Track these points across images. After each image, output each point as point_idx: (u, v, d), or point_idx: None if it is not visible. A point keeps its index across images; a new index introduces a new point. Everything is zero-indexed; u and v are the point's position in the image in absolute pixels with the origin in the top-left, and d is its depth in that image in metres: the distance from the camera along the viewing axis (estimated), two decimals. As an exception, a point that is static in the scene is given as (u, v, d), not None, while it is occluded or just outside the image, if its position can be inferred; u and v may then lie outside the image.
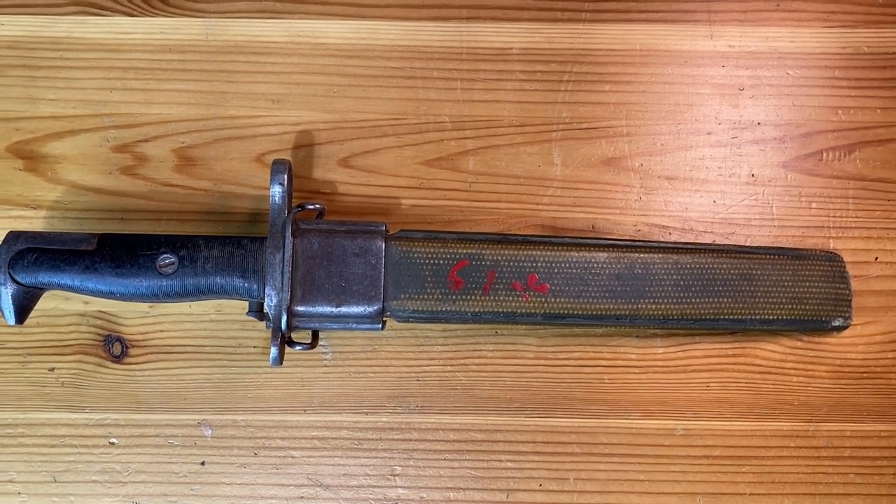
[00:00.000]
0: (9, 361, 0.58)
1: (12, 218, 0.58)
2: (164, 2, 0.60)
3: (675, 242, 0.58)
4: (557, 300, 0.54)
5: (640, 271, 0.55)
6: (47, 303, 0.58)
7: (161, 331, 0.58)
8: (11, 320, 0.51)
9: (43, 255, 0.51)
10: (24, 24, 0.60)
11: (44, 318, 0.58)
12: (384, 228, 0.54)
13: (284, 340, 0.53)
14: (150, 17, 0.60)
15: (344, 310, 0.53)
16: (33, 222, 0.58)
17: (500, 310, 0.54)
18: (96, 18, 0.60)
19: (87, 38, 0.60)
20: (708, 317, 0.56)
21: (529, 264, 0.54)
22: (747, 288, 0.56)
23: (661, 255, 0.55)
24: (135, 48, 0.60)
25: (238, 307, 0.58)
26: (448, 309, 0.54)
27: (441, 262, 0.54)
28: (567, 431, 0.58)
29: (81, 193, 0.59)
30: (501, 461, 0.58)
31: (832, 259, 0.58)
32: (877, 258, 0.60)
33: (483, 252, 0.54)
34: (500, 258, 0.54)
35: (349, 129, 0.60)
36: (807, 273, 0.57)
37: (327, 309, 0.53)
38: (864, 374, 0.59)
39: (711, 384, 0.58)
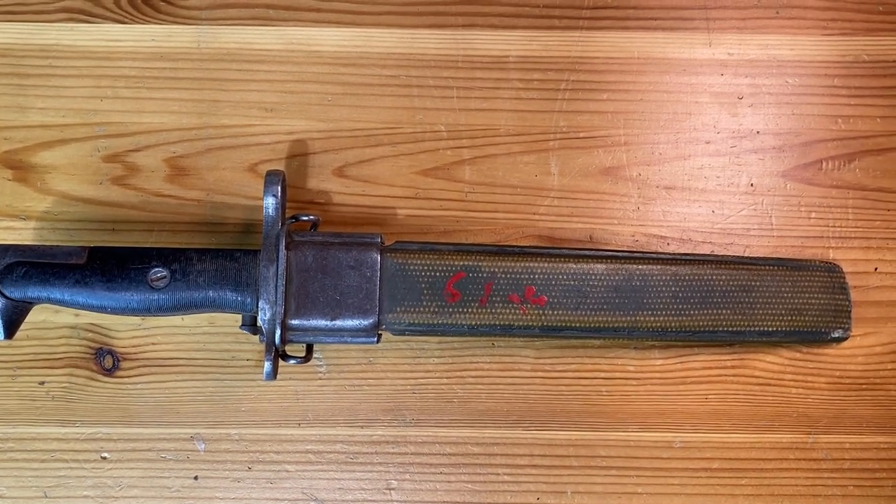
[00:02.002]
0: (-2, 375, 0.57)
1: (1, 229, 0.57)
2: (155, 9, 0.59)
3: (674, 253, 0.57)
4: (555, 312, 0.54)
5: (638, 283, 0.54)
6: (37, 315, 0.57)
7: (153, 344, 0.57)
8: (0, 335, 0.50)
9: (32, 268, 0.50)
10: (12, 31, 0.59)
11: (33, 331, 0.57)
12: (379, 240, 0.53)
13: (278, 354, 0.52)
14: (141, 25, 0.59)
15: (339, 323, 0.52)
16: (22, 233, 0.57)
17: (498, 322, 0.53)
18: (86, 26, 0.59)
19: (76, 45, 0.59)
20: (706, 328, 0.55)
21: (527, 276, 0.54)
22: (746, 299, 0.55)
23: (659, 267, 0.55)
24: (125, 56, 0.59)
25: (231, 320, 0.57)
26: (444, 322, 0.53)
27: (437, 274, 0.53)
28: (564, 444, 0.57)
29: (72, 204, 0.58)
30: (498, 475, 0.57)
31: (831, 270, 0.57)
32: (876, 269, 0.59)
33: (480, 264, 0.54)
34: (496, 270, 0.54)
35: (344, 138, 0.59)
36: (806, 284, 0.56)
37: (322, 322, 0.52)
38: (864, 386, 0.58)
39: (710, 396, 0.58)
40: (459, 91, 0.59)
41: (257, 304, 0.51)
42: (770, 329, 0.56)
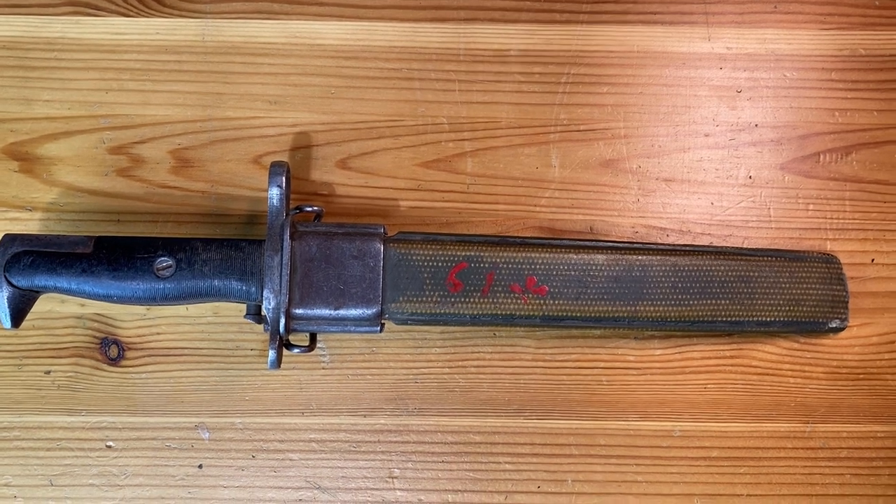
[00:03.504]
0: (4, 364, 0.57)
1: (8, 220, 0.58)
2: (159, 2, 0.60)
3: (673, 244, 0.58)
4: (556, 302, 0.54)
5: (638, 273, 0.55)
6: (43, 305, 0.57)
7: (158, 333, 0.58)
8: (7, 324, 0.51)
9: (39, 258, 0.51)
10: (18, 24, 0.59)
11: (39, 321, 0.58)
12: (382, 231, 0.54)
13: (282, 343, 0.53)
14: (146, 18, 0.60)
15: (342, 312, 0.53)
16: (29, 224, 0.58)
17: (499, 312, 0.54)
18: (92, 19, 0.59)
19: (82, 38, 0.59)
20: (705, 319, 0.56)
21: (528, 266, 0.54)
22: (745, 290, 0.56)
23: (659, 258, 0.55)
24: (130, 49, 0.59)
25: (235, 309, 0.58)
26: (447, 311, 0.54)
27: (439, 264, 0.54)
28: (565, 433, 0.58)
29: (77, 195, 0.58)
30: (500, 463, 0.58)
31: (829, 261, 0.58)
32: (873, 260, 0.60)
33: (482, 254, 0.54)
34: (498, 260, 0.54)
35: (347, 130, 0.59)
36: (804, 275, 0.57)
37: (326, 312, 0.52)
38: (861, 376, 0.59)
39: (709, 386, 0.59)
40: (461, 84, 0.60)
41: (262, 293, 0.52)
42: (768, 319, 0.56)
